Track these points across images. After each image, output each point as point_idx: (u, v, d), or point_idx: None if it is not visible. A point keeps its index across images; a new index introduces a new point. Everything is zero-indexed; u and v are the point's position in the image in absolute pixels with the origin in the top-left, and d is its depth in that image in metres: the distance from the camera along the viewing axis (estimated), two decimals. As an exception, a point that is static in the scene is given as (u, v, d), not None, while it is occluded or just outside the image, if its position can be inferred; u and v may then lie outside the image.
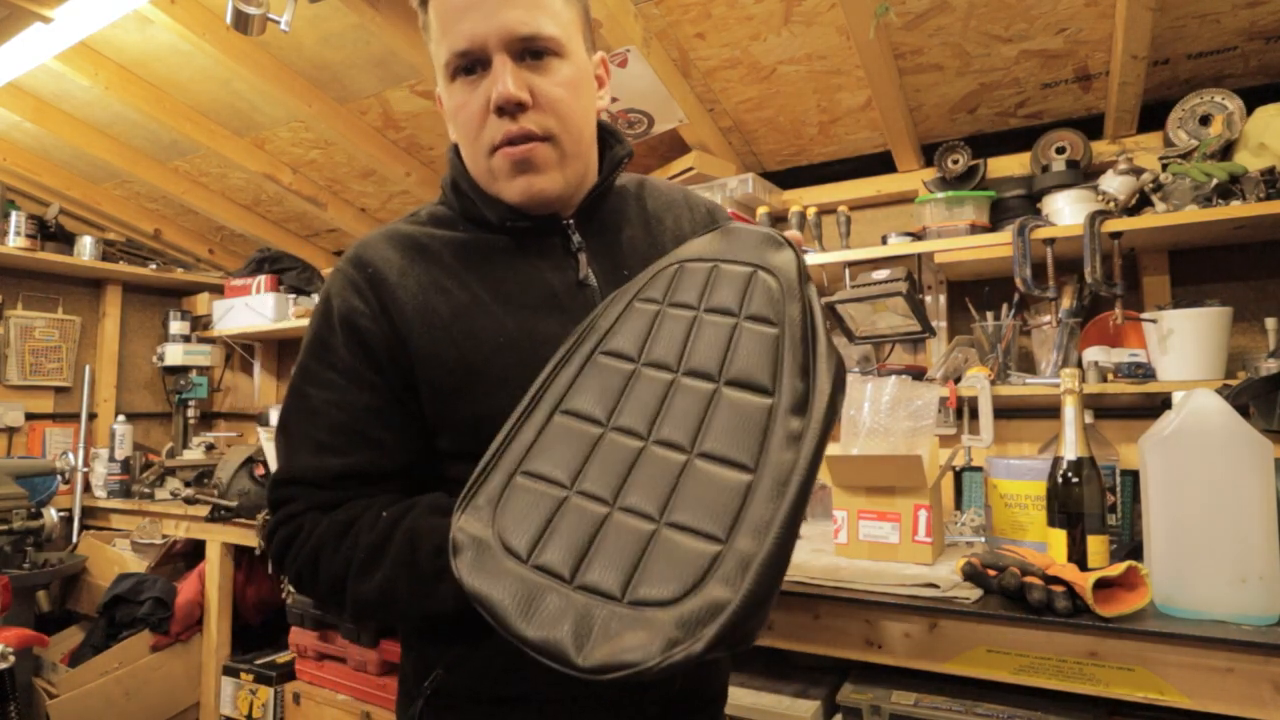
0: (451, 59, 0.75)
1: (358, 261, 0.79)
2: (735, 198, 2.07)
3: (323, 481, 0.75)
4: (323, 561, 0.73)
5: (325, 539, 0.73)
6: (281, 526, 0.77)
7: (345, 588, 0.72)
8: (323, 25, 1.90)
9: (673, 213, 0.93)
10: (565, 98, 0.76)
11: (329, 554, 0.73)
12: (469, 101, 0.75)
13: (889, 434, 1.54)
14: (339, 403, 0.76)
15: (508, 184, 0.77)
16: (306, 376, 0.78)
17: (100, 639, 2.32)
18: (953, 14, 1.63)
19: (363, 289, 0.77)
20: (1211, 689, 1.05)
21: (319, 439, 0.76)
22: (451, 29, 0.74)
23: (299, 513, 0.76)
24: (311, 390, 0.77)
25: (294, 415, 0.78)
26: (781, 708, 1.37)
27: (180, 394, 3.12)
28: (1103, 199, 1.62)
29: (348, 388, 0.76)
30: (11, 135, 2.59)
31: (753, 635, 0.51)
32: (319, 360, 0.78)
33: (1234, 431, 1.13)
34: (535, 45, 0.74)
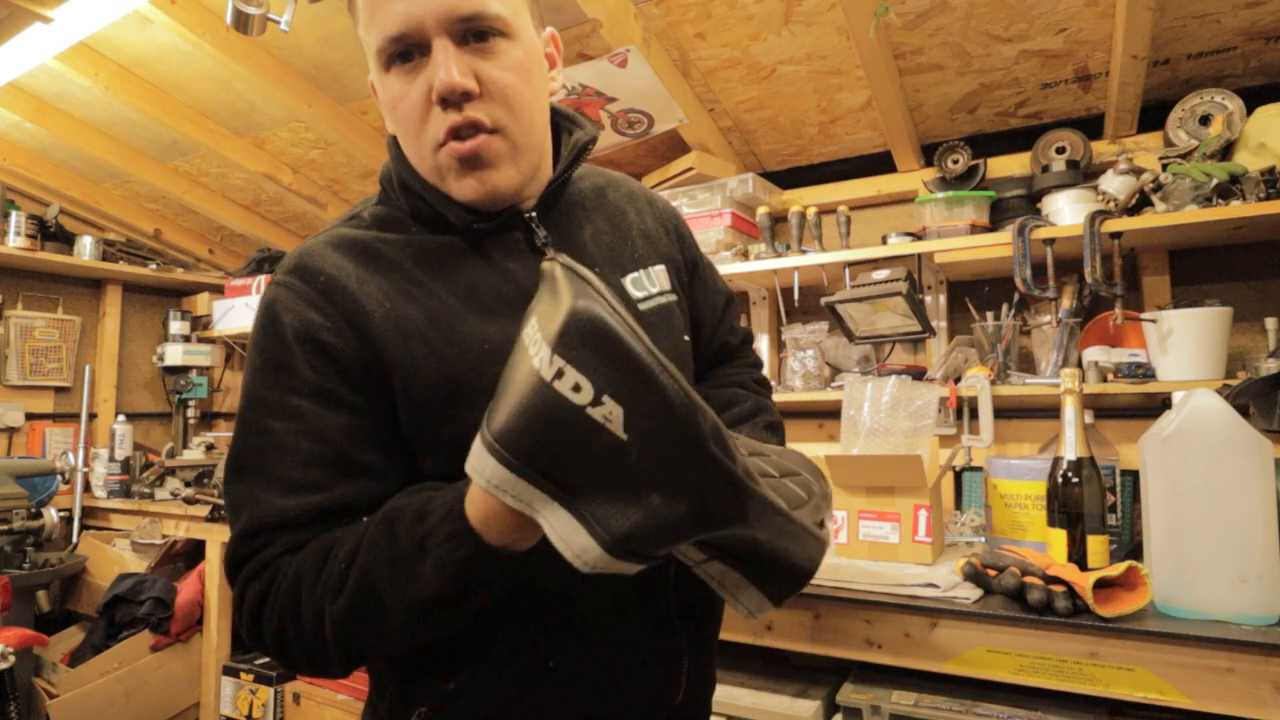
0: (384, 45, 0.66)
1: (303, 272, 0.69)
2: (735, 198, 2.07)
3: (303, 521, 0.64)
4: (304, 598, 0.60)
5: (303, 572, 0.61)
6: (252, 582, 0.64)
7: (323, 621, 0.60)
8: (323, 25, 1.90)
9: (634, 206, 0.87)
10: (515, 84, 0.68)
11: (309, 588, 0.60)
12: (407, 93, 0.67)
13: (889, 434, 1.54)
14: (311, 431, 0.65)
15: (457, 182, 0.69)
16: (263, 409, 0.66)
17: (100, 639, 2.32)
18: (953, 14, 1.63)
19: (317, 301, 0.67)
20: (1211, 689, 1.05)
21: (290, 478, 0.64)
22: (381, 10, 0.65)
23: (272, 559, 0.63)
24: (273, 423, 0.65)
25: (253, 456, 0.66)
26: (781, 708, 1.37)
27: (180, 394, 3.12)
28: (1103, 199, 1.62)
29: (319, 412, 0.66)
30: (11, 135, 2.59)
31: None
32: (276, 387, 0.66)
33: (1234, 431, 1.13)
34: (479, 25, 0.65)
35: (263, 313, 0.69)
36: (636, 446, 0.47)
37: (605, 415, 0.47)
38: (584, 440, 0.47)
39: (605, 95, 1.96)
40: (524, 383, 0.48)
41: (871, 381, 1.61)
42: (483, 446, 0.50)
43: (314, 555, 0.62)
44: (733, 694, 1.43)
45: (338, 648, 0.60)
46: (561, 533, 0.49)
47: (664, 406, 0.47)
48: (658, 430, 0.47)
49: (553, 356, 0.47)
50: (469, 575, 0.56)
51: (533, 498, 0.49)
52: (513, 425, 0.48)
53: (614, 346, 0.46)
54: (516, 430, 0.48)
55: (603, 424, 0.47)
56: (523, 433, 0.48)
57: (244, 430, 0.67)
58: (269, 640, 0.63)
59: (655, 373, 0.47)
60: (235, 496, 0.67)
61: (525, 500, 0.49)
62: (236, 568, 0.65)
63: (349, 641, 0.60)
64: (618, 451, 0.47)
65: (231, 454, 0.68)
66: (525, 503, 0.49)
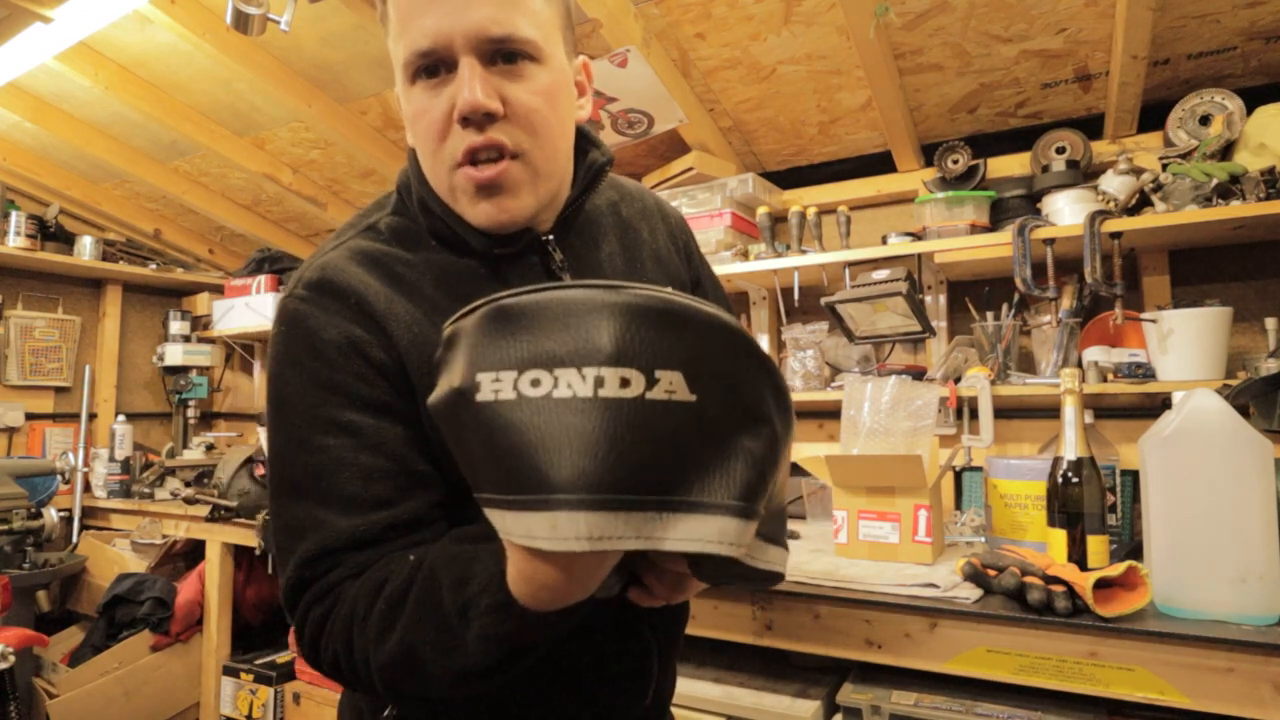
0: (412, 58, 0.66)
1: (331, 288, 0.67)
2: (735, 198, 2.07)
3: (370, 541, 0.62)
4: (355, 636, 0.60)
5: (356, 606, 0.60)
6: (315, 606, 0.62)
7: (369, 662, 0.59)
8: (323, 25, 1.90)
9: (648, 223, 0.86)
10: (541, 109, 0.67)
11: (359, 626, 0.59)
12: (430, 108, 0.66)
13: (889, 434, 1.54)
14: (370, 445, 0.63)
15: (471, 206, 0.68)
16: (315, 426, 0.64)
17: (100, 639, 2.32)
18: (953, 14, 1.63)
19: (356, 317, 0.66)
20: (1211, 689, 1.05)
21: (353, 494, 0.62)
22: (413, 24, 0.65)
23: (336, 584, 0.62)
24: (328, 440, 0.63)
25: (310, 476, 0.63)
26: (781, 708, 1.37)
27: (180, 394, 3.12)
28: (1103, 199, 1.62)
29: (377, 424, 0.64)
30: (11, 135, 2.59)
31: None
32: (326, 404, 0.64)
33: (1234, 431, 1.13)
34: (509, 48, 0.65)
35: (292, 327, 0.67)
36: (706, 395, 0.45)
37: (667, 389, 0.44)
38: (664, 428, 0.44)
39: (605, 95, 1.96)
40: (567, 417, 0.44)
41: (871, 381, 1.61)
42: (540, 510, 0.44)
43: (367, 590, 0.60)
44: (733, 694, 1.43)
45: (386, 690, 0.60)
46: (689, 536, 0.44)
47: (711, 331, 0.45)
48: (718, 358, 0.45)
49: (581, 372, 0.44)
50: (514, 645, 0.54)
51: (641, 525, 0.44)
52: (584, 464, 0.43)
53: (626, 316, 0.44)
54: (592, 466, 0.43)
55: (668, 399, 0.44)
56: (602, 465, 0.43)
57: (295, 449, 0.64)
58: (327, 668, 0.63)
59: (679, 308, 0.45)
60: (293, 518, 0.64)
61: (636, 532, 0.44)
62: (300, 591, 0.63)
63: (395, 688, 0.59)
64: (696, 414, 0.44)
65: (283, 473, 0.65)
66: (640, 536, 0.44)
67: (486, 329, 0.48)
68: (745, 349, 0.47)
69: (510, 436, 0.45)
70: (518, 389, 0.45)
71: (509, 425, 0.45)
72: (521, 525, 0.45)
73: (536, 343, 0.46)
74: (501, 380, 0.46)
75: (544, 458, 0.44)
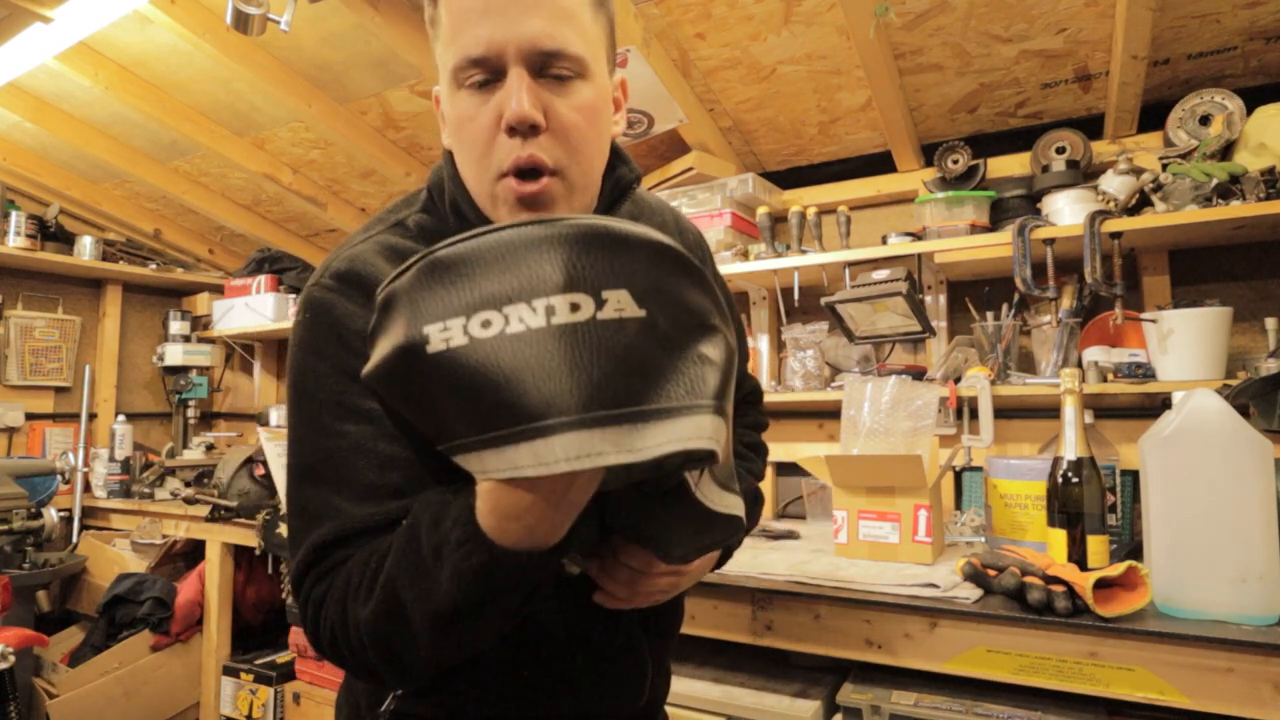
0: (463, 64, 0.66)
1: (359, 280, 0.68)
2: (735, 198, 2.07)
3: (380, 528, 0.63)
4: (348, 604, 0.61)
5: (353, 573, 0.61)
6: (318, 584, 0.64)
7: (358, 625, 0.60)
8: (323, 25, 1.90)
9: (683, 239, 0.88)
10: (581, 125, 0.68)
11: (352, 592, 0.61)
12: (477, 115, 0.67)
13: (889, 434, 1.54)
14: (389, 434, 0.64)
15: (510, 216, 0.69)
16: (336, 412, 0.65)
17: (100, 639, 2.32)
18: (953, 14, 1.63)
19: None
20: (1211, 689, 1.05)
21: (368, 482, 0.64)
22: (466, 31, 0.66)
23: (340, 563, 0.63)
24: (348, 427, 0.64)
25: (327, 461, 0.65)
26: (781, 708, 1.37)
27: (180, 394, 3.12)
28: (1103, 199, 1.62)
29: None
30: (11, 135, 2.59)
31: None
32: (349, 391, 0.65)
33: (1234, 431, 1.13)
34: (557, 62, 0.66)
35: (317, 315, 0.68)
36: (655, 310, 0.47)
37: (616, 308, 0.46)
38: (620, 344, 0.45)
39: (605, 95, 1.96)
40: (525, 350, 0.45)
41: (871, 381, 1.61)
42: (520, 441, 0.45)
43: (362, 560, 0.61)
44: (733, 694, 1.43)
45: (376, 655, 0.59)
46: (667, 438, 0.45)
47: (649, 251, 0.47)
48: (659, 275, 0.47)
49: (531, 305, 0.45)
50: (484, 583, 0.54)
51: (619, 438, 0.45)
52: (553, 390, 0.44)
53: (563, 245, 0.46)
54: (561, 391, 0.44)
55: (620, 317, 0.45)
56: (570, 388, 0.44)
57: (314, 434, 0.66)
58: (326, 647, 0.63)
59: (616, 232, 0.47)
60: (309, 503, 0.65)
61: (616, 446, 0.44)
62: (306, 573, 0.64)
63: (382, 650, 0.59)
64: (648, 327, 0.46)
65: (301, 458, 0.66)
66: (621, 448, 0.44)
67: (425, 282, 0.48)
68: (677, 261, 0.49)
69: (475, 379, 0.46)
70: (469, 333, 0.46)
71: (470, 368, 0.46)
72: (504, 460, 0.46)
73: (479, 286, 0.47)
74: (450, 328, 0.46)
75: (512, 392, 0.45)
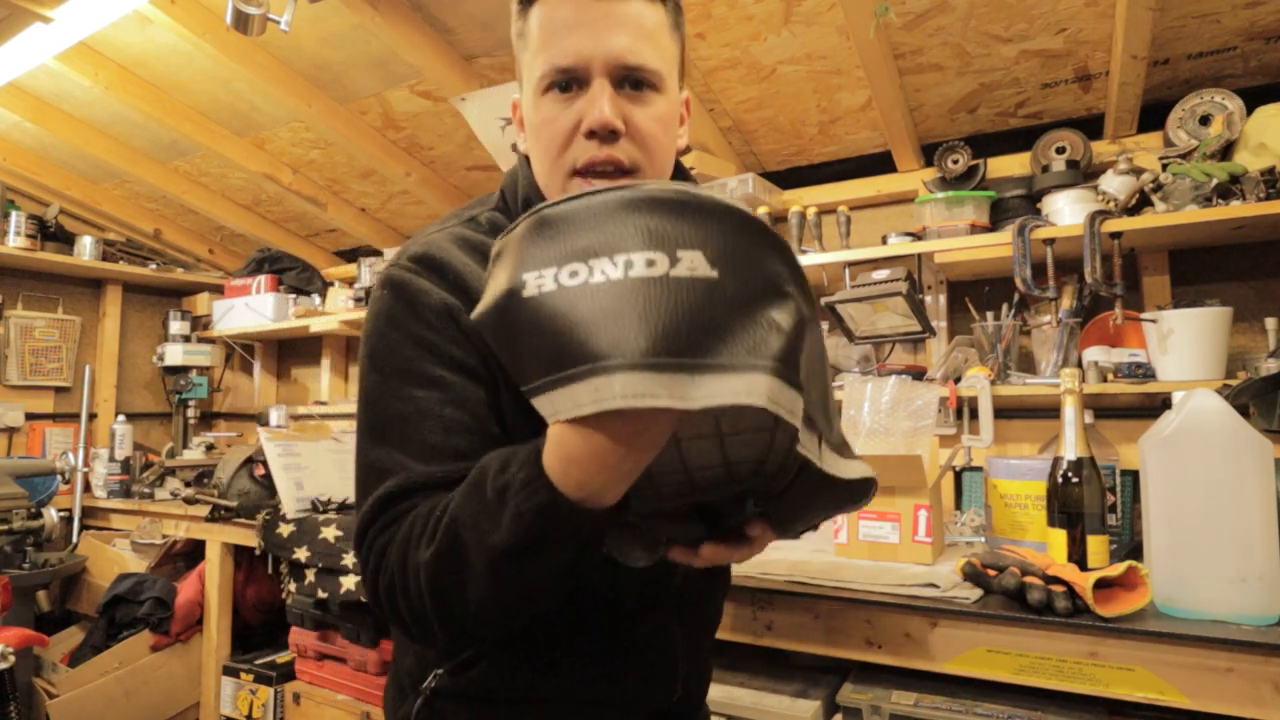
0: (550, 72, 0.72)
1: (432, 263, 0.72)
2: (735, 197, 2.07)
3: (442, 486, 0.66)
4: (410, 550, 0.63)
5: (415, 523, 0.64)
6: (381, 534, 0.66)
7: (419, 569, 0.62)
8: (323, 25, 1.90)
9: None
10: (656, 133, 0.74)
11: (415, 539, 0.63)
12: (558, 118, 0.73)
13: (889, 434, 1.54)
14: (455, 400, 0.68)
15: None
16: (405, 378, 0.69)
17: (100, 639, 2.32)
18: (953, 14, 1.63)
19: (454, 290, 0.71)
20: (1211, 689, 1.05)
21: (434, 443, 0.67)
22: (555, 43, 0.72)
23: (404, 514, 0.66)
24: (417, 391, 0.68)
25: (397, 422, 0.68)
26: (781, 708, 1.37)
27: (180, 394, 3.12)
28: (1103, 199, 1.62)
29: (464, 383, 0.69)
30: (11, 135, 2.59)
31: None
32: (419, 359, 0.69)
33: (1234, 431, 1.13)
34: (638, 75, 0.72)
35: (394, 291, 0.72)
36: (726, 272, 0.50)
37: (689, 267, 0.49)
38: (689, 301, 0.49)
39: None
40: (603, 299, 0.49)
41: (871, 381, 1.61)
42: (585, 379, 0.48)
43: (423, 511, 0.64)
44: (733, 694, 1.43)
45: (432, 601, 0.61)
46: (718, 391, 0.47)
47: (728, 218, 0.51)
48: (736, 241, 0.51)
49: (612, 259, 0.50)
50: (542, 525, 0.56)
51: (673, 385, 0.47)
52: (620, 335, 0.48)
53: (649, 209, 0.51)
54: (627, 336, 0.48)
55: (691, 275, 0.49)
56: (637, 334, 0.48)
57: (385, 397, 0.69)
58: (383, 596, 0.65)
59: (693, 197, 0.51)
60: (376, 461, 0.68)
61: (670, 391, 0.47)
62: (370, 525, 0.67)
63: (438, 594, 0.61)
64: (718, 288, 0.50)
65: (371, 419, 0.70)
66: (675, 394, 0.47)
67: (530, 236, 0.54)
68: (759, 231, 0.52)
69: (555, 322, 0.50)
70: (558, 281, 0.51)
71: (554, 313, 0.50)
72: (569, 398, 0.50)
73: (572, 240, 0.52)
74: (544, 275, 0.51)
75: (586, 334, 0.49)
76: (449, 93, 2.02)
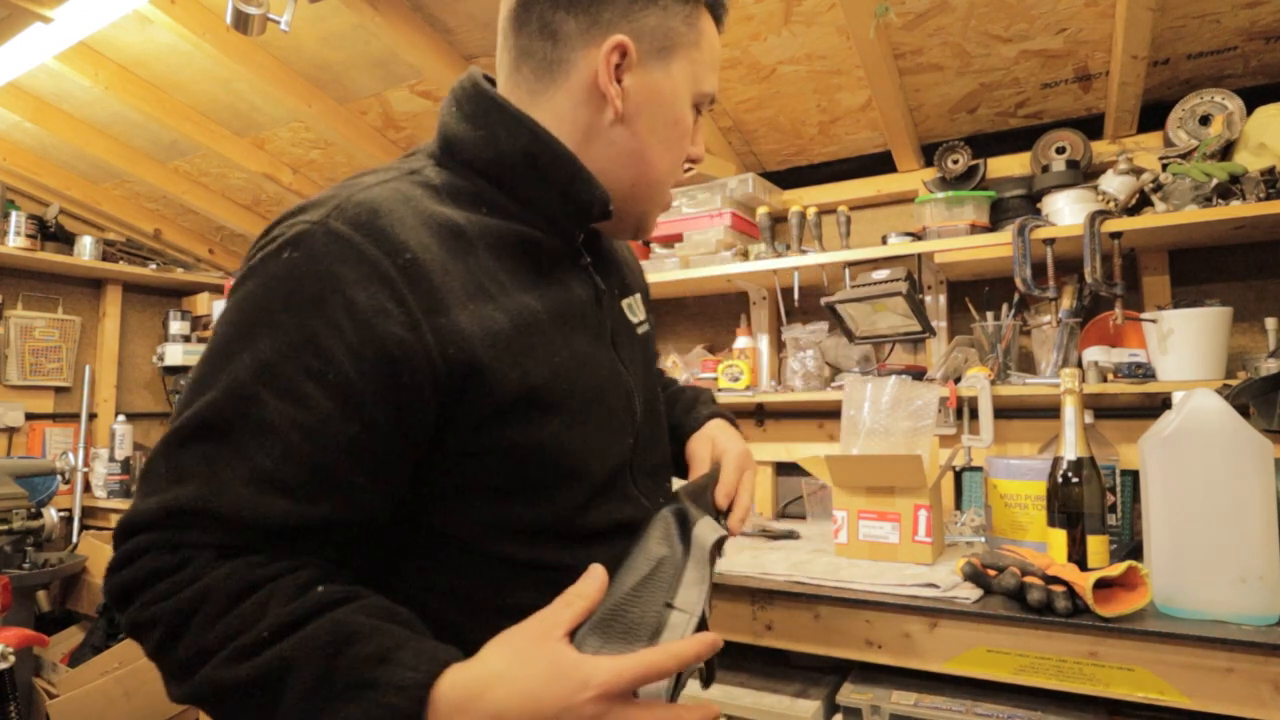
0: (707, 96, 0.76)
1: (382, 239, 0.58)
2: (735, 198, 2.07)
3: (251, 527, 0.55)
4: (197, 622, 0.53)
5: (211, 595, 0.53)
6: (154, 551, 0.55)
7: (205, 665, 0.52)
8: (323, 25, 1.90)
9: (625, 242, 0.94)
10: None
11: (212, 614, 0.53)
12: (689, 130, 0.77)
13: (889, 434, 1.54)
14: (312, 429, 0.56)
15: (652, 222, 0.80)
16: (266, 376, 0.56)
17: (100, 639, 2.32)
18: (953, 14, 1.63)
19: (397, 283, 0.58)
20: (1211, 689, 1.05)
21: (265, 468, 0.55)
22: (714, 71, 0.77)
23: (194, 545, 0.55)
24: (270, 398, 0.55)
25: (229, 425, 0.56)
26: (781, 708, 1.37)
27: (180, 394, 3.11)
28: (1103, 199, 1.62)
29: (333, 414, 0.56)
30: (11, 135, 2.59)
31: None
32: (298, 362, 0.56)
33: (1234, 431, 1.13)
34: None
35: (310, 261, 0.57)
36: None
37: None
38: None
39: (605, 95, 1.96)
40: None
41: (871, 381, 1.61)
42: None
43: (234, 586, 0.54)
44: (733, 694, 1.43)
45: (198, 697, 0.53)
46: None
47: None
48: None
49: None
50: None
51: None
52: None
53: None
54: None
55: None
56: None
57: (231, 392, 0.56)
58: (129, 625, 0.56)
59: None
60: (183, 461, 0.56)
61: None
62: (141, 530, 0.56)
63: (217, 708, 0.54)
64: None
65: (200, 410, 0.56)
66: None
67: None
68: None
69: None
70: None
71: None
72: None
73: None
74: None
75: None
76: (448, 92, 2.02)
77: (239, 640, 0.52)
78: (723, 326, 2.37)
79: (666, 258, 2.14)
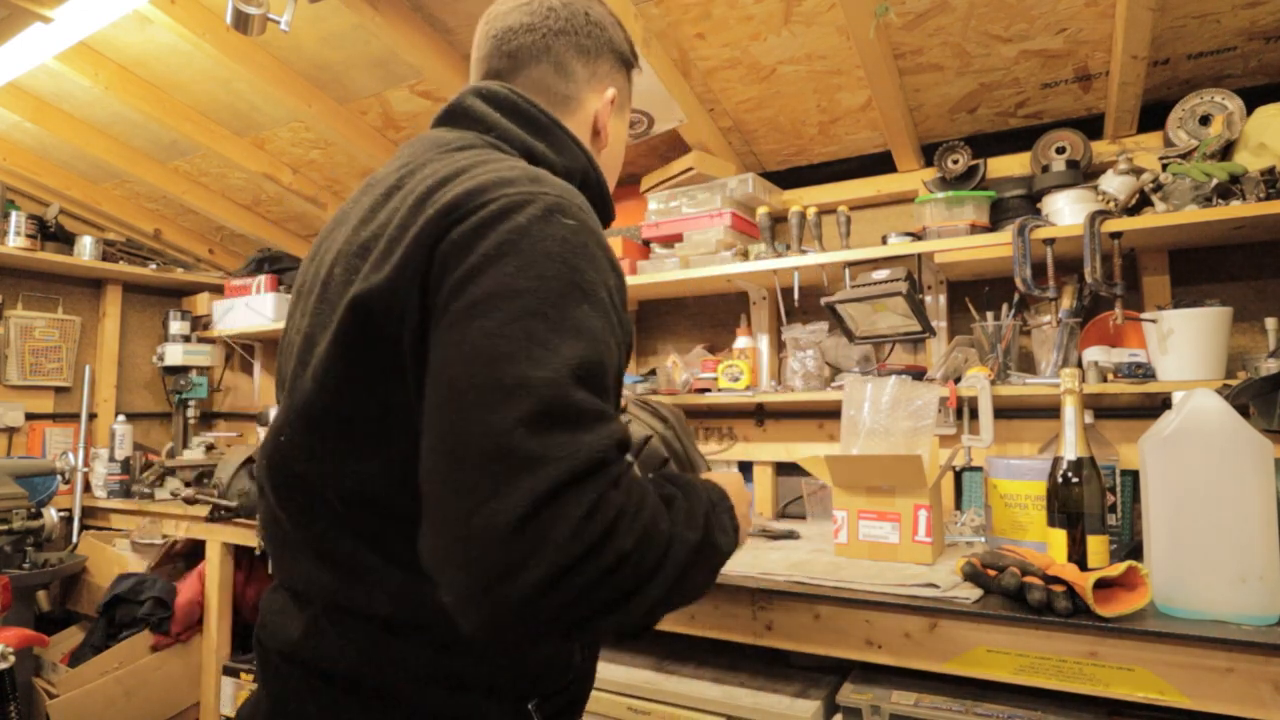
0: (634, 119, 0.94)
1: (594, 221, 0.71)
2: (735, 198, 2.07)
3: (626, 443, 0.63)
4: (665, 524, 0.62)
5: (658, 506, 0.63)
6: (614, 490, 0.58)
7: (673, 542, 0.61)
8: (323, 25, 1.90)
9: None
10: None
11: (671, 517, 0.63)
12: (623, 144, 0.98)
13: (889, 434, 1.54)
14: (616, 357, 0.66)
15: None
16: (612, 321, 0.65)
17: (100, 639, 2.32)
18: (953, 14, 1.63)
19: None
20: (1211, 689, 1.05)
21: (612, 393, 0.64)
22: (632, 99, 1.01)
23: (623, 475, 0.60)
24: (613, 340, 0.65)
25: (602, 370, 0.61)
26: (781, 708, 1.37)
27: (180, 394, 3.11)
28: (1103, 199, 1.62)
29: (619, 344, 0.68)
30: (11, 135, 2.59)
31: None
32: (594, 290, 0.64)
33: (1234, 431, 1.13)
34: None
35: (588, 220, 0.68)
36: None
37: None
38: None
39: (605, 95, 1.96)
40: None
41: (871, 381, 1.61)
42: None
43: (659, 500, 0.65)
44: (733, 694, 1.43)
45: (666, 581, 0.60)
46: None
47: None
48: None
49: None
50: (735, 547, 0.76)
51: None
52: None
53: None
54: None
55: None
56: None
57: (602, 331, 0.62)
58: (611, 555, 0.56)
59: None
60: (585, 402, 0.58)
61: None
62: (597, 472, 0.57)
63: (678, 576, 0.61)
64: None
65: (586, 350, 0.60)
66: None
67: None
68: None
69: None
70: None
71: None
72: None
73: None
74: None
75: None
76: (449, 93, 2.02)
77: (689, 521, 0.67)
78: (723, 326, 2.37)
79: (666, 258, 2.13)
